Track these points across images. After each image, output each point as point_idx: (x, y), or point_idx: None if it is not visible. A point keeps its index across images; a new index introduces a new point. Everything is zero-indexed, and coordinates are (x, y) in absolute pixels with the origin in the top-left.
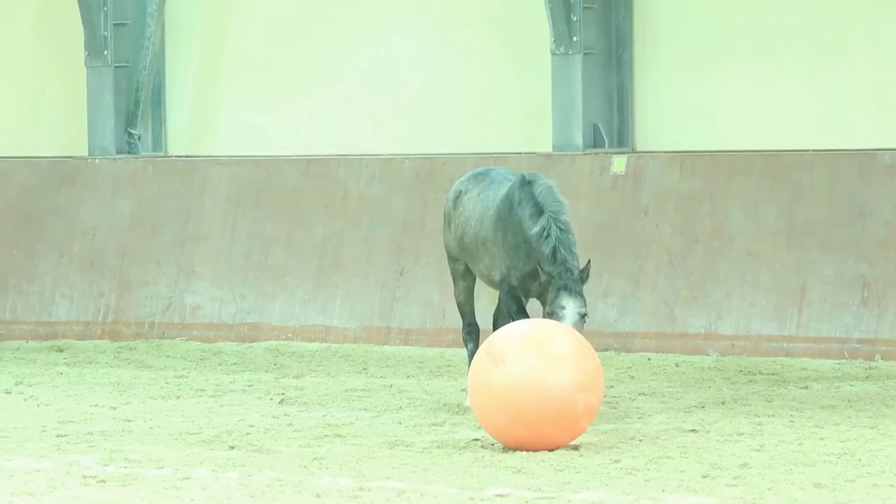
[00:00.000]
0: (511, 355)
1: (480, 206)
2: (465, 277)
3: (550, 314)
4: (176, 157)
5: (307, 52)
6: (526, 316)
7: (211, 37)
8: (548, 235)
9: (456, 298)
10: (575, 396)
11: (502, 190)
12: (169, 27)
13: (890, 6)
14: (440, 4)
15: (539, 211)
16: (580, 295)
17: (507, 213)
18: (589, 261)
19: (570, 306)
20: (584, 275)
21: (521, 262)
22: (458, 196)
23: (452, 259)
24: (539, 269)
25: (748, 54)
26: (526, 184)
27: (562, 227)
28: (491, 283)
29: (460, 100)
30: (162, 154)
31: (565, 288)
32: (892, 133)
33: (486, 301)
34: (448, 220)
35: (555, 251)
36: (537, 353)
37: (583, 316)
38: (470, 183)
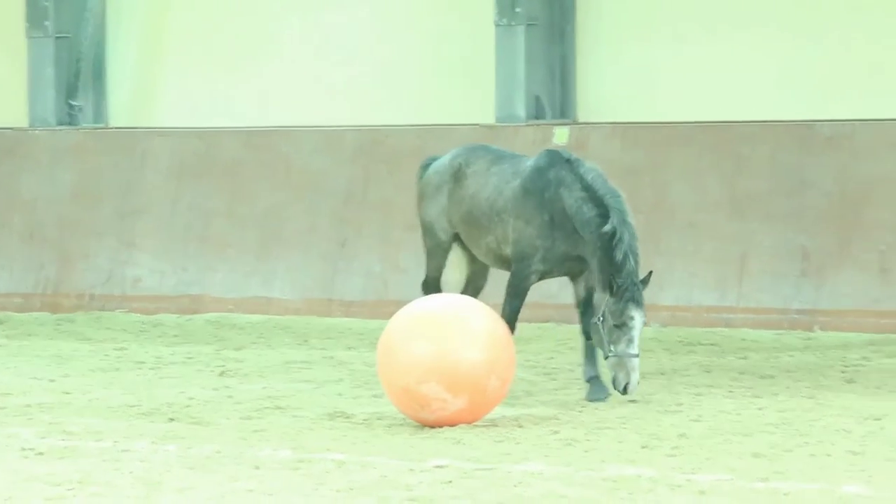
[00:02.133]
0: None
1: (495, 178)
2: (443, 255)
3: (620, 325)
4: (117, 128)
5: (250, 24)
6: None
7: (153, 8)
8: (619, 240)
9: (427, 274)
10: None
11: (522, 164)
12: None
13: None
14: None
15: (596, 200)
16: (643, 305)
17: (541, 190)
18: (650, 272)
19: (637, 317)
20: (645, 285)
21: (559, 243)
22: (458, 169)
23: (434, 234)
24: (610, 279)
25: (690, 27)
26: (565, 161)
27: (632, 232)
28: (495, 257)
29: (403, 71)
30: (103, 126)
31: (633, 300)
32: (831, 105)
33: (456, 273)
34: (438, 194)
35: (625, 258)
36: (455, 329)
37: (644, 324)
38: (470, 156)
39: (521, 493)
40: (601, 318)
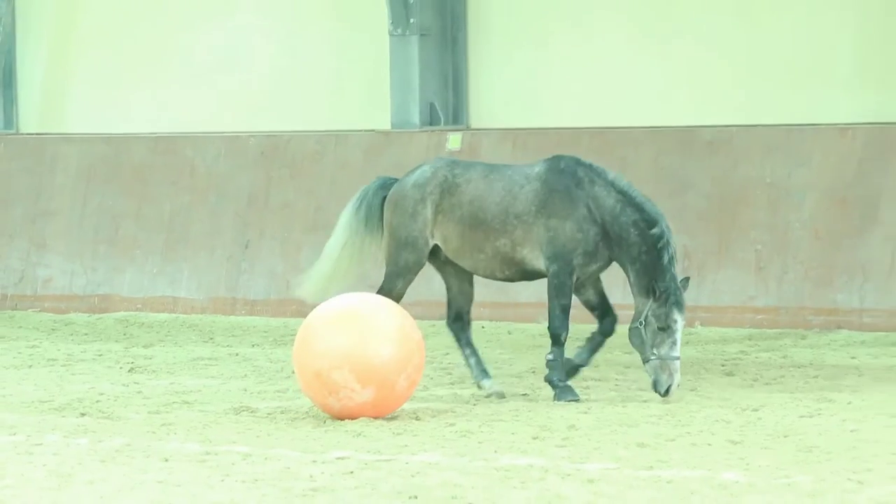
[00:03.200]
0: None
1: (501, 184)
2: (417, 271)
3: (664, 328)
4: (27, 134)
5: (156, 33)
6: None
7: (62, 16)
8: (667, 244)
9: (393, 291)
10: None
11: (526, 170)
12: (20, 6)
13: None
14: None
15: (635, 205)
16: (685, 309)
17: (570, 187)
18: (688, 278)
19: (679, 321)
20: (685, 290)
21: (595, 237)
22: (446, 181)
23: (415, 248)
24: (652, 283)
25: (576, 36)
26: (586, 165)
27: (672, 237)
28: (502, 260)
29: (303, 79)
30: (13, 131)
31: (677, 304)
32: (710, 110)
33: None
34: (421, 207)
35: (671, 262)
36: (360, 327)
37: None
38: (454, 168)
39: (418, 483)
40: (643, 322)
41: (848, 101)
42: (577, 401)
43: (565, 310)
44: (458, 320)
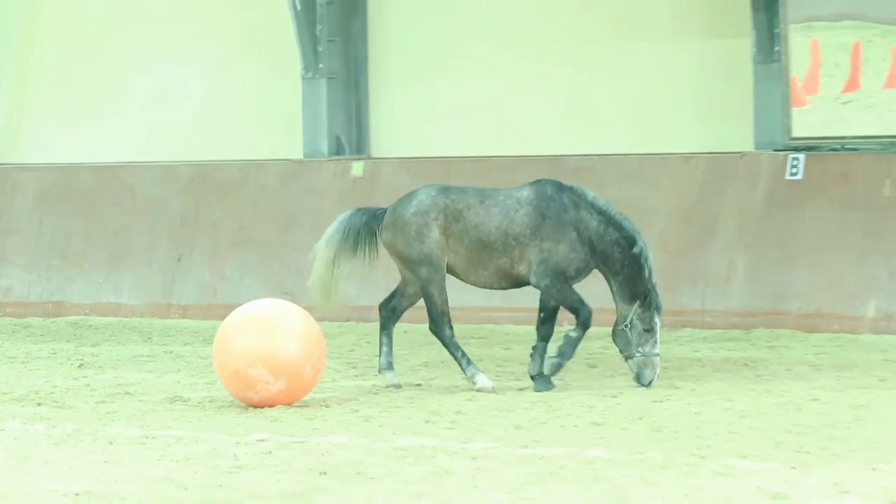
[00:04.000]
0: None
1: (497, 210)
2: (440, 279)
3: (648, 329)
4: None
5: (101, 75)
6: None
7: (20, 62)
8: (647, 259)
9: (438, 299)
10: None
11: (516, 194)
12: None
13: (580, 37)
14: (212, 35)
15: (615, 224)
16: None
17: (559, 213)
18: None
19: (658, 322)
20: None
21: (584, 256)
22: (448, 207)
23: (435, 262)
24: (639, 291)
25: (460, 77)
26: (568, 188)
27: (649, 252)
28: (502, 276)
29: (228, 116)
30: None
31: (657, 308)
32: (575, 141)
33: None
34: (427, 230)
35: (650, 273)
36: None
37: None
38: (451, 195)
39: (327, 461)
40: (629, 325)
41: (691, 134)
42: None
43: (576, 301)
44: (392, 311)
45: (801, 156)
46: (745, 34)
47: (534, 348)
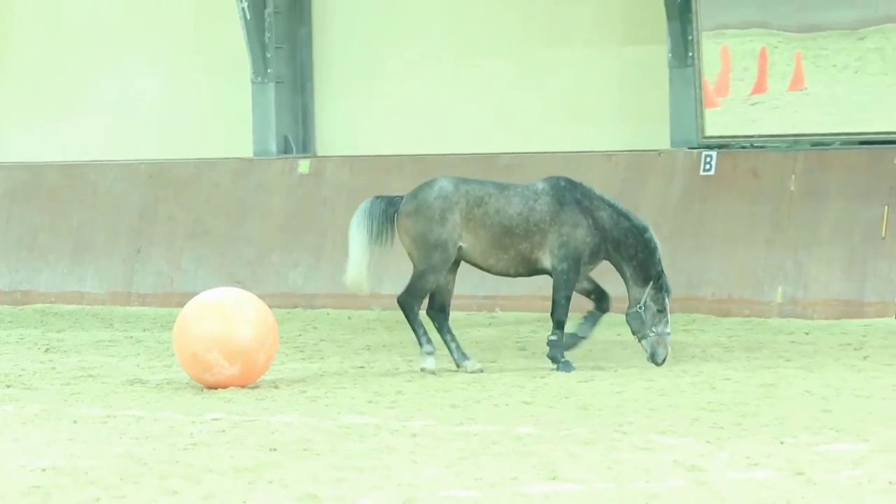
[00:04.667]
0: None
1: (518, 199)
2: (444, 269)
3: (661, 310)
4: None
5: (66, 79)
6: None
7: None
8: (656, 245)
9: (425, 288)
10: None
11: (532, 186)
12: None
13: (510, 43)
14: (168, 42)
15: (623, 214)
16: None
17: (576, 201)
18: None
19: (669, 302)
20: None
21: (598, 240)
22: (469, 194)
23: (446, 249)
24: (651, 274)
25: (400, 81)
26: (578, 183)
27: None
28: (521, 261)
29: (184, 117)
30: None
31: (668, 290)
32: (506, 140)
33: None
34: (449, 215)
35: (660, 259)
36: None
37: None
38: (471, 185)
39: (277, 439)
40: (642, 307)
41: (612, 134)
42: (574, 370)
43: (568, 299)
44: (441, 311)
45: (714, 153)
46: (661, 41)
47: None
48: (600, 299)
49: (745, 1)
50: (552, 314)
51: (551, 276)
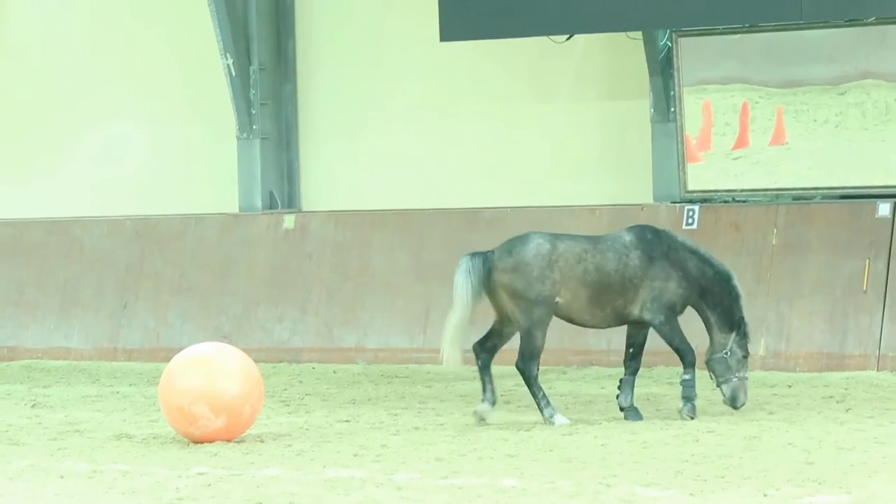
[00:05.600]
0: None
1: (611, 253)
2: (547, 323)
3: (746, 355)
4: None
5: (51, 134)
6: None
7: None
8: (739, 292)
9: (537, 346)
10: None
11: (620, 239)
12: None
13: (493, 98)
14: (154, 98)
15: (706, 262)
16: None
17: (664, 255)
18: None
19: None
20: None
21: (686, 292)
22: (566, 252)
23: (549, 305)
24: (737, 320)
25: (384, 136)
26: (661, 231)
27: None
28: (615, 315)
29: (169, 173)
30: None
31: (749, 336)
32: (490, 195)
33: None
34: (549, 272)
35: (742, 304)
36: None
37: None
38: (566, 241)
39: (263, 492)
40: (728, 352)
41: (595, 188)
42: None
43: (684, 340)
44: (491, 351)
45: (696, 207)
46: (644, 96)
47: (622, 381)
48: (635, 357)
49: (726, 56)
50: (682, 359)
51: (642, 324)
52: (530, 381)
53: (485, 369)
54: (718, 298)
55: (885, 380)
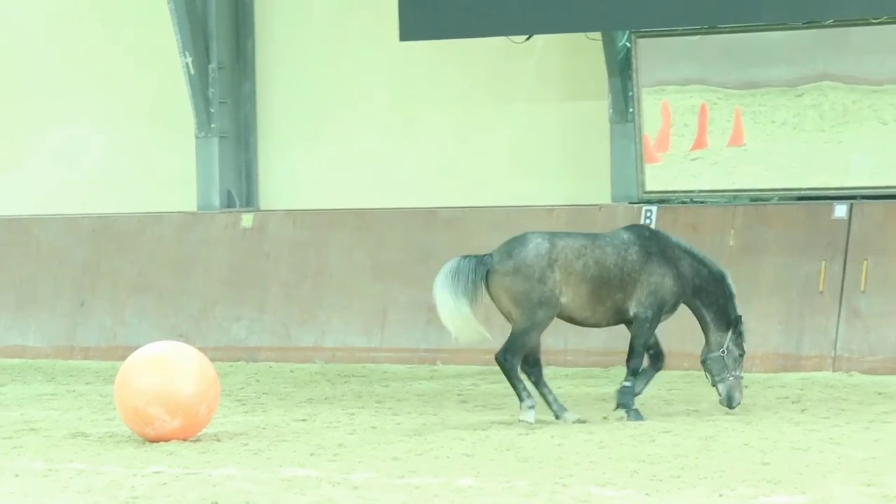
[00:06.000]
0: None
1: (610, 248)
2: (547, 325)
3: (742, 353)
4: None
5: (9, 134)
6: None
7: None
8: (732, 292)
9: (526, 344)
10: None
11: (618, 236)
12: None
13: (452, 98)
14: (112, 97)
15: (700, 261)
16: None
17: (661, 251)
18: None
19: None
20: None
21: (680, 289)
22: (565, 250)
23: (552, 305)
24: (733, 319)
25: (341, 135)
26: (656, 231)
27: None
28: (615, 311)
29: (127, 171)
30: None
31: (744, 335)
32: (450, 194)
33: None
34: (550, 272)
35: (736, 304)
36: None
37: None
38: (564, 239)
39: (219, 491)
40: (724, 351)
41: (554, 188)
42: (643, 420)
43: (646, 347)
44: (536, 365)
45: (654, 208)
46: (602, 97)
47: (643, 371)
48: (657, 357)
49: (685, 58)
50: (628, 361)
51: (630, 323)
52: (511, 373)
53: (539, 385)
54: (713, 297)
55: (840, 381)
